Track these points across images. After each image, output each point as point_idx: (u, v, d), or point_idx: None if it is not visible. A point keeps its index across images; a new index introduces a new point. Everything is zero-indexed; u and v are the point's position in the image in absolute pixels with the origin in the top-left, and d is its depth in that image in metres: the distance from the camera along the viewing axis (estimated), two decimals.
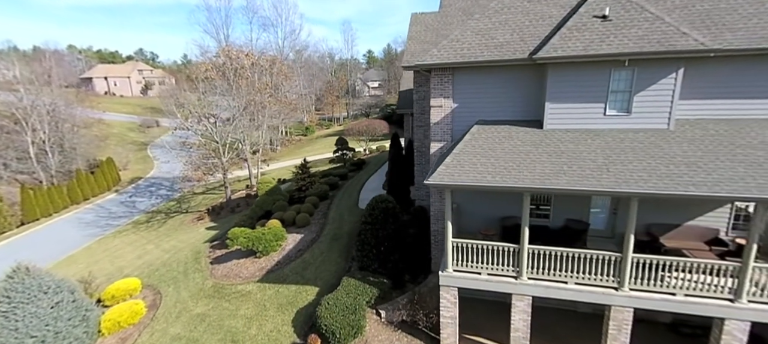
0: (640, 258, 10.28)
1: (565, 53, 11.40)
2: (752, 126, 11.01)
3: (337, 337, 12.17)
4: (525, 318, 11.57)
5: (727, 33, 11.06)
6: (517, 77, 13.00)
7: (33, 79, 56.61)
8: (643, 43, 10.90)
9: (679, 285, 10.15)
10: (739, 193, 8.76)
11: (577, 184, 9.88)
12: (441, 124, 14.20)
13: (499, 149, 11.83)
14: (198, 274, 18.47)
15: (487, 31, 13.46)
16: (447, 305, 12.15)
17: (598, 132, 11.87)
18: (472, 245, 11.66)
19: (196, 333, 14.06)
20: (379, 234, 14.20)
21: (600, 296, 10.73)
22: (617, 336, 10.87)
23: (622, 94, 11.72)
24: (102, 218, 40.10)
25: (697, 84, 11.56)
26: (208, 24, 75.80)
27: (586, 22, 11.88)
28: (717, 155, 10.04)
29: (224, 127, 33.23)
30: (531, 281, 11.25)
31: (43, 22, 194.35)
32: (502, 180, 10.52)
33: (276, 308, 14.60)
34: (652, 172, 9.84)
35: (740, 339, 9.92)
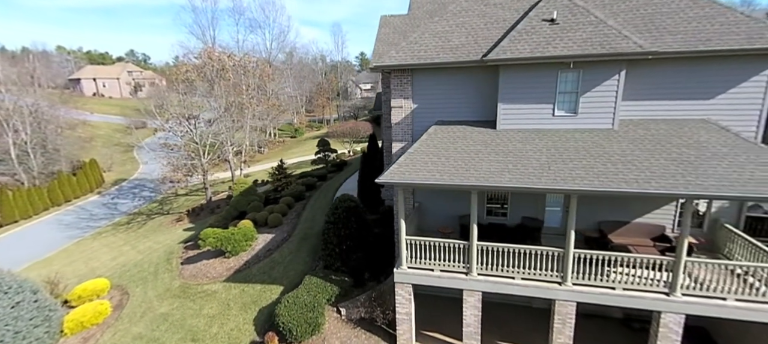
0: (581, 254, 10.61)
1: (514, 55, 11.75)
2: (690, 126, 11.44)
3: (293, 334, 12.35)
4: (476, 313, 11.85)
5: (667, 36, 11.48)
6: (472, 79, 13.32)
7: (15, 80, 56.04)
8: (586, 46, 11.29)
9: (618, 279, 10.50)
10: (667, 190, 9.12)
11: (519, 182, 10.19)
12: (402, 124, 14.48)
13: (452, 148, 12.12)
14: (167, 274, 18.53)
15: (444, 34, 13.78)
16: (402, 301, 12.39)
17: (547, 132, 12.24)
18: (425, 242, 11.92)
19: (157, 332, 14.15)
20: (342, 233, 14.42)
21: (545, 290, 11.05)
22: (562, 330, 11.19)
23: (569, 95, 12.10)
24: (82, 220, 39.80)
25: (641, 85, 11.97)
26: (195, 26, 75.45)
27: (535, 25, 12.25)
28: (653, 154, 10.42)
29: (205, 129, 33.23)
30: (481, 277, 11.54)
31: (34, 23, 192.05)
32: (449, 179, 10.79)
33: (239, 307, 14.75)
34: (590, 170, 10.19)
35: (676, 331, 10.30)
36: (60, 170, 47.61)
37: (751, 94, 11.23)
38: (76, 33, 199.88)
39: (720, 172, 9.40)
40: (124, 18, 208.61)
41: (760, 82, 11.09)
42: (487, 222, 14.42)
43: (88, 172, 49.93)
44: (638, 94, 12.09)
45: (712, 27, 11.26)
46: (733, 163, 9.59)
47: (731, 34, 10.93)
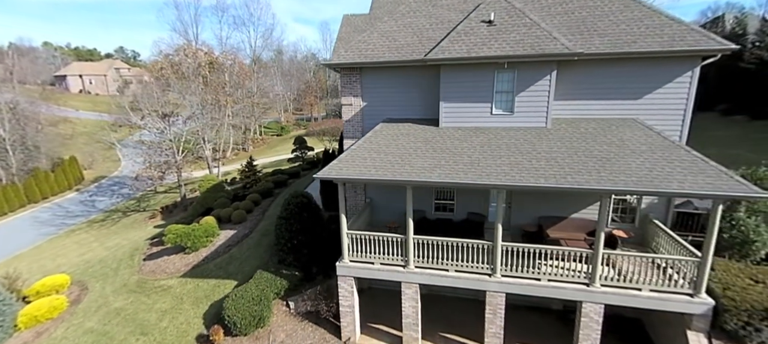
0: (508, 247, 11.03)
1: (451, 55, 12.13)
2: (618, 125, 11.91)
3: (238, 327, 12.64)
4: (414, 304, 12.22)
5: (596, 38, 11.93)
6: (418, 78, 13.68)
7: None
8: (518, 47, 11.70)
9: (544, 271, 10.93)
10: (580, 185, 9.56)
11: (446, 178, 10.56)
12: (352, 122, 14.80)
13: (393, 145, 12.46)
14: (127, 271, 18.68)
15: (391, 33, 14.12)
16: (345, 294, 12.73)
17: (485, 129, 12.64)
18: (366, 236, 12.26)
19: (109, 326, 14.34)
20: (293, 228, 14.71)
21: (476, 282, 11.45)
22: (493, 320, 11.62)
23: (506, 94, 12.51)
24: (58, 217, 39.53)
25: (574, 86, 12.43)
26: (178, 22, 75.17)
27: (474, 26, 12.63)
28: (576, 151, 10.86)
29: (182, 126, 33.24)
30: (417, 269, 11.91)
31: (20, 17, 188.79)
32: (383, 174, 11.13)
33: (192, 302, 14.98)
34: (515, 166, 10.60)
35: (597, 320, 10.76)
36: (36, 167, 47.08)
37: (675, 95, 11.74)
38: (65, 28, 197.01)
39: (633, 168, 9.86)
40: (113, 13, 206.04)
41: (684, 83, 11.60)
42: (435, 217, 14.82)
43: (67, 169, 49.50)
44: (572, 93, 12.54)
45: (639, 29, 11.73)
46: (647, 160, 10.06)
47: (655, 37, 11.41)
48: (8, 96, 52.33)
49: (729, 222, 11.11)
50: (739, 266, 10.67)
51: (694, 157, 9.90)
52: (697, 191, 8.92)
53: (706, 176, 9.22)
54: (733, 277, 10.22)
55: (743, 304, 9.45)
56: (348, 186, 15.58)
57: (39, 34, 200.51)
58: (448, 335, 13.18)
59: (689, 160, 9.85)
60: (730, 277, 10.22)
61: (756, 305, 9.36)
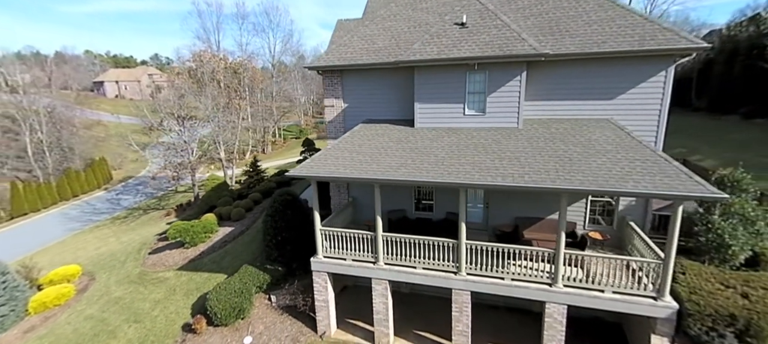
0: (472, 245, 11.15)
1: (423, 57, 12.39)
2: (589, 125, 11.80)
3: (219, 317, 13.29)
4: (383, 300, 12.48)
5: (567, 38, 11.89)
6: (395, 80, 13.99)
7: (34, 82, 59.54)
8: (487, 48, 11.83)
9: (507, 270, 10.96)
10: (536, 184, 9.58)
11: (409, 176, 10.80)
12: (334, 122, 15.27)
13: (366, 145, 12.82)
14: (132, 263, 19.86)
15: (371, 37, 14.51)
16: (319, 289, 13.15)
17: (457, 130, 12.80)
18: (339, 233, 12.65)
19: (107, 313, 15.37)
20: (278, 225, 15.29)
21: (443, 280, 11.61)
22: (459, 318, 11.72)
23: (478, 95, 12.63)
24: (85, 214, 42.09)
25: (546, 86, 12.41)
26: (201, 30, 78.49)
27: (447, 28, 12.84)
28: (541, 151, 10.87)
29: (199, 129, 34.85)
30: (387, 266, 12.17)
31: (67, 28, 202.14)
32: (351, 172, 11.50)
33: (184, 293, 15.82)
34: (477, 165, 10.72)
35: (560, 321, 10.68)
36: (67, 167, 50.23)
37: (649, 95, 11.52)
38: (105, 37, 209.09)
39: (593, 168, 9.80)
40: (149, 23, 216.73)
41: (658, 82, 11.37)
42: (415, 217, 15.05)
43: (96, 169, 52.56)
44: (545, 94, 12.52)
45: (610, 29, 11.61)
46: (609, 161, 9.96)
47: (625, 36, 11.27)
48: (46, 101, 56.30)
49: (705, 226, 10.79)
50: (713, 270, 10.33)
51: (657, 158, 9.72)
52: (651, 191, 8.79)
53: (665, 176, 9.06)
54: (703, 281, 9.93)
55: (708, 309, 9.19)
56: (333, 185, 16.09)
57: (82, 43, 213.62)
58: (423, 333, 13.35)
59: (652, 160, 9.69)
60: (700, 281, 9.93)
61: (721, 310, 9.09)
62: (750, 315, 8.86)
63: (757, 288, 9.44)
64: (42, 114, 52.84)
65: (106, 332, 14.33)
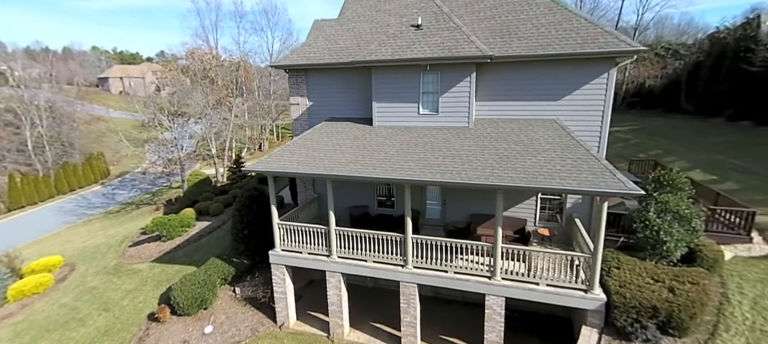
0: (417, 239, 11.55)
1: (378, 57, 12.80)
2: (535, 125, 12.17)
3: (181, 307, 13.81)
4: (337, 292, 12.92)
5: (515, 41, 12.25)
6: (356, 79, 14.40)
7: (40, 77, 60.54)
8: (438, 50, 12.22)
9: (450, 264, 11.35)
10: (471, 180, 9.97)
11: (355, 172, 11.23)
12: (300, 120, 15.73)
13: (324, 142, 13.26)
14: (112, 255, 20.47)
15: (335, 37, 14.95)
16: (278, 281, 13.61)
17: (412, 129, 13.20)
18: (296, 227, 13.10)
19: (79, 302, 15.97)
20: (245, 219, 15.78)
21: (391, 273, 12.02)
22: (407, 309, 12.13)
23: (432, 95, 13.03)
24: (80, 208, 42.90)
25: (497, 87, 12.79)
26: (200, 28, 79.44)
27: (403, 30, 13.25)
28: (484, 149, 11.25)
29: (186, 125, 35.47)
30: (340, 259, 12.61)
31: (76, 22, 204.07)
32: (302, 168, 11.95)
33: (154, 284, 16.37)
34: (422, 162, 11.12)
35: (499, 313, 11.08)
36: (65, 161, 51.08)
37: (592, 96, 11.85)
38: (114, 33, 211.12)
39: (527, 166, 10.17)
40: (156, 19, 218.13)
41: (600, 84, 11.71)
42: (377, 213, 15.46)
43: (93, 164, 53.41)
44: (496, 95, 12.90)
45: (556, 33, 11.96)
46: (543, 159, 10.34)
47: (569, 39, 11.62)
48: (46, 95, 57.34)
49: (643, 223, 11.10)
50: (647, 265, 10.67)
51: (588, 157, 10.08)
52: (575, 188, 9.16)
53: (591, 174, 9.42)
54: (635, 276, 10.27)
55: (632, 302, 9.54)
56: (299, 181, 16.57)
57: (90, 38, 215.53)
58: (379, 325, 13.76)
59: (583, 159, 10.05)
60: (632, 276, 10.27)
61: (645, 303, 9.43)
62: (672, 308, 9.20)
63: (684, 283, 9.77)
64: (42, 108, 53.82)
65: (77, 319, 14.92)
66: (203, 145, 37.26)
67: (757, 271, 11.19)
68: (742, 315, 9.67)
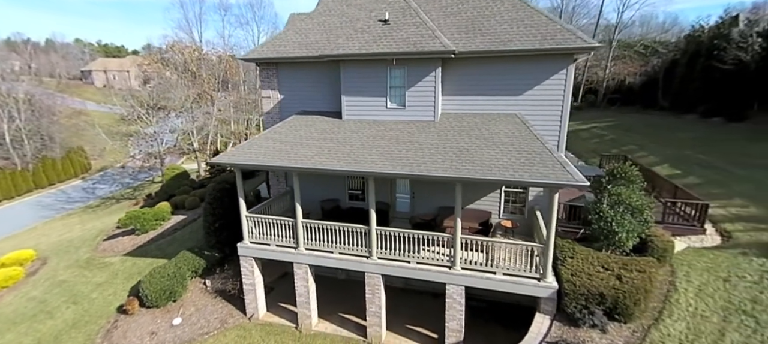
0: (381, 231, 11.78)
1: (345, 51, 12.93)
2: (497, 119, 12.47)
3: (149, 299, 13.86)
4: (304, 284, 13.11)
5: (479, 37, 12.50)
6: (327, 73, 14.50)
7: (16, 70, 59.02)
8: (404, 45, 12.41)
9: (413, 254, 11.61)
10: (430, 172, 10.21)
11: (319, 164, 11.39)
12: (272, 114, 15.79)
13: (292, 135, 13.37)
14: (85, 248, 20.33)
15: (305, 31, 15.02)
16: (247, 273, 13.73)
17: (380, 122, 13.39)
18: (264, 220, 13.22)
19: (49, 295, 15.89)
20: (216, 212, 15.84)
21: (356, 264, 12.25)
22: (372, 300, 12.39)
23: (399, 89, 13.23)
24: (59, 202, 42.27)
25: (462, 82, 13.04)
26: (183, 20, 78.38)
27: (371, 24, 13.39)
28: (446, 143, 11.51)
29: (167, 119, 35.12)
30: (307, 251, 12.78)
31: (59, 14, 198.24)
32: (268, 161, 12.06)
33: (125, 277, 16.36)
34: (384, 155, 11.33)
35: (459, 301, 11.40)
36: (45, 155, 50.13)
37: (552, 91, 12.17)
38: (97, 25, 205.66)
39: (484, 159, 10.45)
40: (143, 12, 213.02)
41: (559, 79, 12.03)
42: (348, 206, 15.65)
43: (74, 158, 52.52)
44: (462, 90, 13.15)
45: (518, 29, 12.23)
46: (500, 152, 10.62)
47: (529, 36, 11.90)
48: (25, 87, 56.03)
49: (597, 214, 11.50)
50: (600, 255, 11.07)
51: (543, 150, 10.39)
52: (527, 179, 9.47)
53: (543, 166, 9.74)
54: (587, 265, 10.66)
55: (581, 289, 9.92)
56: (272, 175, 16.66)
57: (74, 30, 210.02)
58: (347, 315, 14.01)
59: (538, 152, 10.37)
60: (584, 265, 10.67)
61: (593, 290, 9.82)
62: (617, 295, 9.60)
63: (632, 271, 10.19)
64: (21, 101, 52.60)
65: (45, 312, 14.86)
66: (185, 139, 36.89)
67: (705, 261, 11.68)
68: (687, 302, 10.13)
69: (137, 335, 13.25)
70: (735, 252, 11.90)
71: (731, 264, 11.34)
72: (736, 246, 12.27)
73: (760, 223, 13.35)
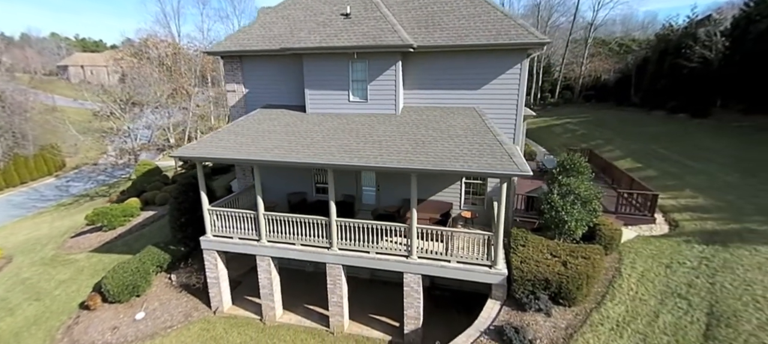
0: (341, 222, 11.98)
1: (306, 45, 13.04)
2: (455, 112, 12.78)
3: (112, 295, 13.79)
4: (268, 276, 13.22)
5: (438, 32, 12.76)
6: (291, 66, 14.57)
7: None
8: (364, 39, 12.59)
9: (374, 245, 11.85)
10: (385, 164, 10.45)
11: (278, 157, 11.49)
12: (237, 107, 15.80)
13: (254, 129, 13.42)
14: (51, 246, 20.00)
15: (269, 24, 15.06)
16: (210, 267, 13.77)
17: (343, 116, 13.56)
18: (226, 213, 13.27)
19: (11, 293, 15.65)
20: (182, 207, 15.79)
21: (317, 255, 12.43)
22: (334, 290, 12.60)
23: (361, 83, 13.41)
24: (31, 200, 41.20)
25: (423, 76, 13.30)
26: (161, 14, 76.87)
27: (333, 18, 13.52)
28: (403, 135, 11.76)
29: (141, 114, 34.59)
30: (269, 243, 12.90)
31: (33, 8, 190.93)
32: (228, 154, 12.11)
33: (90, 274, 16.19)
34: (344, 147, 11.51)
35: (416, 290, 11.70)
36: (17, 153, 48.75)
37: (507, 85, 12.53)
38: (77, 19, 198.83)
39: (438, 150, 10.73)
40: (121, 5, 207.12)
41: (514, 74, 12.39)
42: (315, 199, 15.80)
43: (47, 155, 51.16)
44: (423, 83, 13.41)
45: (475, 24, 12.53)
46: (454, 144, 10.93)
47: (485, 31, 12.22)
48: None
49: (548, 204, 11.91)
50: (550, 243, 11.50)
51: (494, 142, 10.73)
52: (475, 169, 9.79)
53: (492, 158, 10.07)
54: (537, 252, 11.06)
55: (529, 275, 10.30)
56: (238, 168, 16.70)
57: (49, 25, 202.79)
58: (313, 307, 14.18)
59: (489, 144, 10.70)
60: (534, 252, 11.06)
61: (539, 276, 10.21)
62: (561, 280, 10.00)
63: (578, 258, 10.63)
64: None
65: (6, 309, 14.62)
66: (161, 136, 36.40)
67: (651, 248, 12.23)
68: (629, 287, 10.62)
69: (99, 330, 13.18)
70: (679, 240, 12.48)
71: (674, 251, 11.90)
72: (682, 235, 12.86)
73: (706, 213, 14.00)
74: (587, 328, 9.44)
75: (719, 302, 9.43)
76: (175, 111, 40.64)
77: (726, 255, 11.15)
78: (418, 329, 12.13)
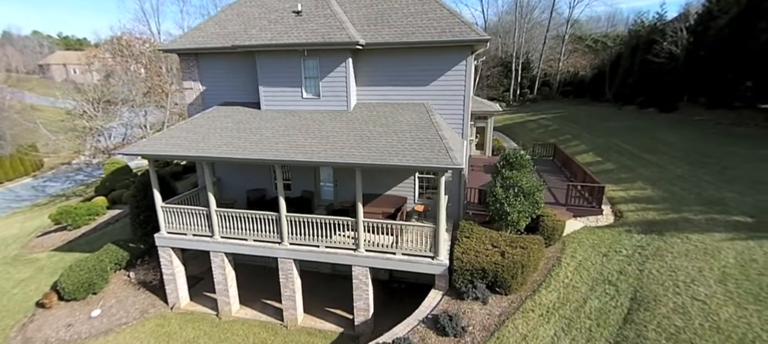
0: (291, 217, 12.18)
1: (257, 42, 13.15)
2: (403, 109, 13.03)
3: (67, 292, 13.82)
4: (222, 272, 13.38)
5: (386, 29, 12.97)
6: (246, 63, 14.62)
7: None
8: (313, 36, 12.75)
9: (324, 239, 12.07)
10: (329, 159, 10.68)
11: (225, 153, 11.65)
12: (194, 105, 15.84)
13: (206, 126, 13.50)
14: (15, 246, 19.84)
15: (224, 22, 15.13)
16: (166, 263, 13.87)
17: (296, 112, 13.72)
18: (180, 210, 13.37)
19: None
20: (141, 204, 15.83)
21: (269, 250, 12.62)
22: (286, 284, 12.81)
23: (313, 79, 13.58)
24: (6, 201, 40.62)
25: (374, 72, 13.50)
26: (140, 11, 75.90)
27: (284, 16, 13.65)
28: (351, 131, 11.98)
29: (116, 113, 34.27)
30: (222, 239, 13.04)
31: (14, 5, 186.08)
32: (177, 150, 12.22)
33: (50, 273, 16.15)
34: (291, 144, 11.68)
35: (365, 282, 11.97)
36: None
37: (454, 82, 12.81)
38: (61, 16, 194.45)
39: (380, 145, 10.99)
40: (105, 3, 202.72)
41: (460, 70, 12.67)
42: (274, 195, 15.85)
43: (23, 155, 50.31)
44: (374, 80, 13.62)
45: (421, 21, 12.77)
46: (397, 139, 11.19)
47: (431, 28, 12.46)
48: None
49: (493, 197, 12.25)
50: (493, 234, 11.84)
51: (435, 138, 10.99)
52: (411, 164, 10.09)
53: (429, 152, 10.35)
54: (479, 243, 11.39)
55: (468, 265, 10.63)
56: (198, 165, 16.73)
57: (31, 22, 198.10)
58: (270, 301, 14.35)
59: (429, 138, 10.97)
60: (477, 244, 11.38)
61: (477, 266, 10.54)
62: (497, 269, 10.35)
63: (516, 248, 10.99)
64: None
65: None
66: (138, 134, 36.06)
67: (594, 239, 12.66)
68: (565, 275, 11.02)
69: (53, 328, 13.21)
70: (621, 230, 12.93)
71: (614, 240, 12.34)
72: (624, 225, 13.32)
73: (651, 204, 14.49)
74: (519, 315, 9.80)
75: (643, 287, 9.86)
76: (153, 109, 40.32)
77: (660, 244, 11.62)
78: (369, 320, 12.42)
